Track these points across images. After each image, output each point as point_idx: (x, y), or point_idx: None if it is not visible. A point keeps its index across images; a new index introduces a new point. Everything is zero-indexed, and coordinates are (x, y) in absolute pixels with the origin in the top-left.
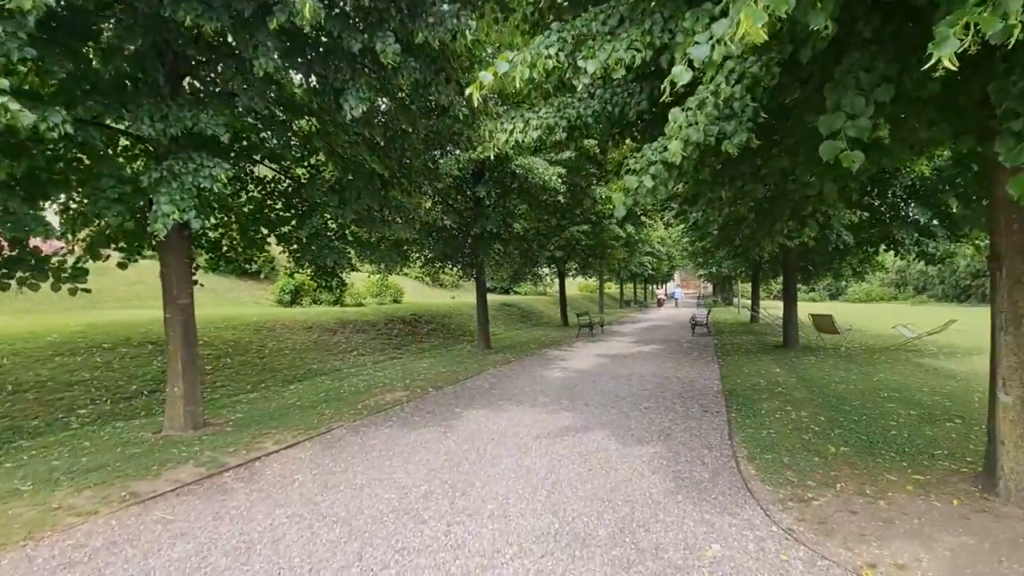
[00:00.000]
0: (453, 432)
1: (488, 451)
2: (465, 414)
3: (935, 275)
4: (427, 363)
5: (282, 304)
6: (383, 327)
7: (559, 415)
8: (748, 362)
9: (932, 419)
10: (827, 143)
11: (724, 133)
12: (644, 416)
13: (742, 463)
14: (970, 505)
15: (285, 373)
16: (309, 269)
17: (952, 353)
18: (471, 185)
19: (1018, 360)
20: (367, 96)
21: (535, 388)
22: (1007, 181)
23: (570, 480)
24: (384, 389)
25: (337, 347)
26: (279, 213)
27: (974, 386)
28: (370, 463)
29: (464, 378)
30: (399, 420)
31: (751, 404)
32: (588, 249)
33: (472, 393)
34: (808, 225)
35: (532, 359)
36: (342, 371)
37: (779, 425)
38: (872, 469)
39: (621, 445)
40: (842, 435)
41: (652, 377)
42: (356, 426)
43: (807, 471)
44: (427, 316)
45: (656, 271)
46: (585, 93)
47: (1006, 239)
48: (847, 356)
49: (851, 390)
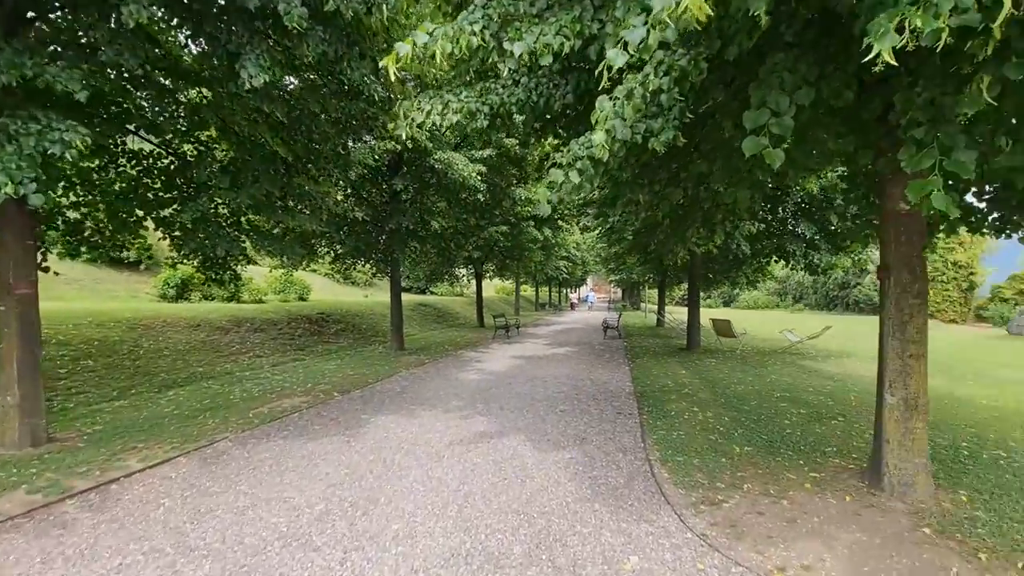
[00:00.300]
0: (358, 441)
1: (396, 461)
2: (373, 421)
3: (809, 285)
4: (333, 365)
5: (166, 299)
6: (285, 326)
7: (473, 420)
8: (656, 364)
9: (820, 418)
10: (751, 138)
11: (651, 131)
12: (560, 420)
13: (655, 466)
14: (860, 501)
15: (163, 377)
16: (195, 260)
17: (827, 356)
18: (387, 177)
19: (903, 364)
20: (268, 65)
21: (449, 391)
22: (901, 193)
23: (484, 492)
24: (282, 394)
25: (229, 348)
26: (158, 193)
27: (849, 386)
28: (257, 480)
29: (374, 381)
30: (296, 429)
31: (661, 406)
32: (506, 251)
33: (382, 397)
34: (717, 233)
35: (447, 361)
36: (234, 375)
37: (688, 426)
38: (773, 468)
39: (537, 451)
40: (744, 435)
41: (567, 379)
42: (244, 437)
43: (716, 472)
44: (336, 315)
45: (571, 275)
46: (510, 80)
47: (894, 251)
48: (742, 358)
49: (749, 391)
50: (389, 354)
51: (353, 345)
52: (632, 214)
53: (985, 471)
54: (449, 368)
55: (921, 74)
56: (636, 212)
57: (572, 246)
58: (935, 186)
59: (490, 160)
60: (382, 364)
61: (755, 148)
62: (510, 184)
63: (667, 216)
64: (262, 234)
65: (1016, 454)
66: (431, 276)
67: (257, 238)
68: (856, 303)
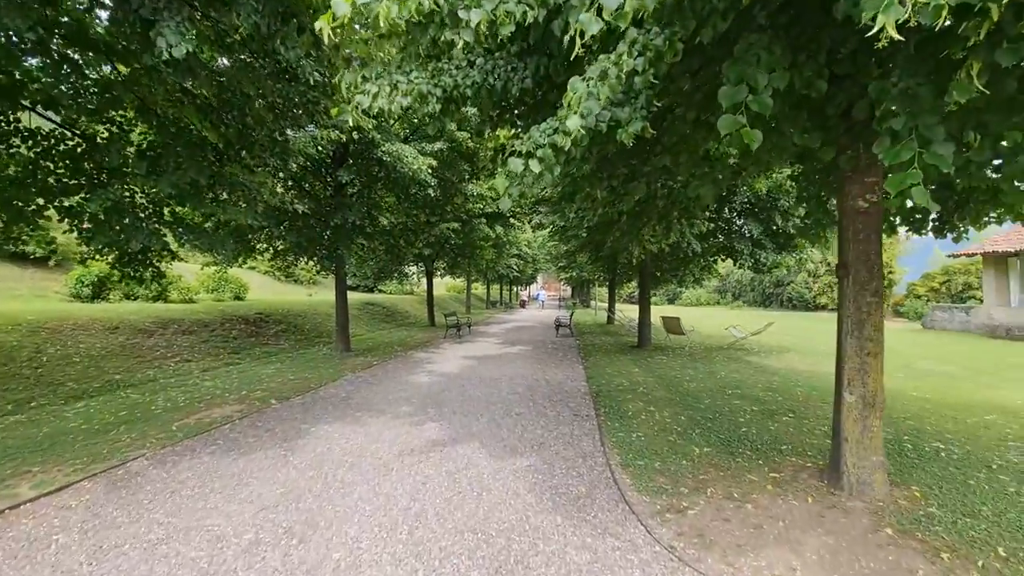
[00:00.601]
0: (296, 454)
1: (339, 477)
2: (314, 430)
3: (747, 283)
4: (272, 369)
5: (80, 299)
6: (219, 328)
7: (425, 426)
8: (609, 362)
9: (771, 414)
10: (727, 117)
11: (618, 120)
12: (516, 424)
13: (616, 472)
14: (821, 502)
15: (71, 387)
16: (110, 255)
17: (769, 351)
18: (331, 170)
19: (860, 362)
20: (190, 35)
21: (398, 395)
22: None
23: (437, 508)
24: (212, 403)
25: (153, 352)
26: (62, 179)
27: (793, 381)
28: (176, 506)
29: (316, 386)
30: (226, 443)
31: (618, 406)
32: (457, 248)
33: (325, 404)
34: (673, 230)
35: (396, 362)
36: (158, 382)
37: (646, 428)
38: (734, 469)
39: (493, 459)
40: (702, 435)
41: (521, 380)
42: (164, 455)
43: (678, 476)
44: (276, 315)
45: (521, 273)
46: (464, 61)
47: (852, 247)
48: (691, 355)
49: (702, 388)
50: (334, 356)
51: (295, 347)
52: (589, 210)
53: (930, 464)
54: (398, 370)
55: (896, 63)
56: (594, 208)
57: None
58: (914, 180)
59: (441, 155)
60: (326, 367)
61: (732, 126)
62: (462, 179)
63: (626, 213)
64: (188, 227)
65: (953, 445)
66: (379, 274)
67: (182, 231)
68: (790, 300)
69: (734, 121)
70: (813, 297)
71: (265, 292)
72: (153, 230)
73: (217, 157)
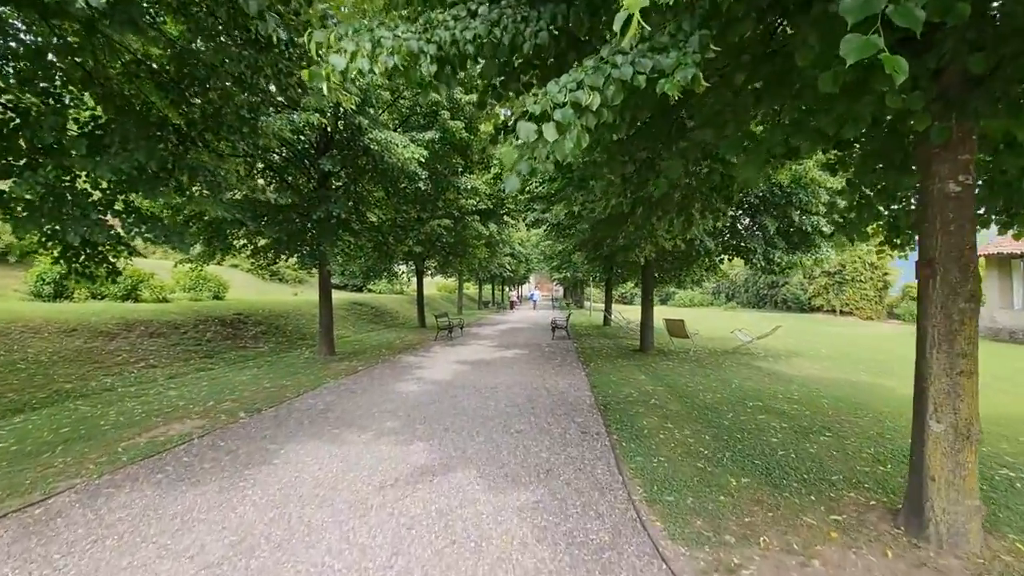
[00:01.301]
0: (258, 487)
1: (305, 519)
2: (283, 452)
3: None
4: (247, 376)
5: (41, 297)
6: (191, 330)
7: (412, 447)
8: (613, 368)
9: (805, 432)
10: (855, 37)
11: (661, 69)
12: (517, 444)
13: (643, 511)
14: (904, 556)
15: (10, 398)
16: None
17: (777, 356)
18: (314, 159)
19: (951, 383)
20: None
21: (384, 408)
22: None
23: (425, 567)
24: (171, 417)
25: (114, 357)
26: None
27: (813, 389)
28: (93, 565)
29: (293, 396)
30: (177, 470)
31: (630, 421)
32: (449, 246)
33: (300, 417)
34: (695, 224)
35: (383, 368)
36: (115, 391)
37: (667, 450)
38: (784, 508)
39: (493, 493)
40: (735, 460)
41: (519, 389)
42: (99, 486)
43: (719, 518)
44: (257, 316)
45: (514, 273)
46: (464, 11)
47: (941, 240)
48: (698, 360)
49: (719, 400)
50: (316, 361)
51: (275, 350)
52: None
53: (1013, 500)
54: (385, 377)
55: None
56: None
57: (517, 243)
58: None
59: (433, 145)
60: (306, 373)
61: (862, 51)
62: (455, 172)
63: (654, 198)
64: (139, 216)
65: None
66: (368, 273)
67: (131, 222)
68: (784, 301)
69: (867, 43)
70: (808, 298)
71: (248, 291)
72: (96, 220)
73: (180, 140)
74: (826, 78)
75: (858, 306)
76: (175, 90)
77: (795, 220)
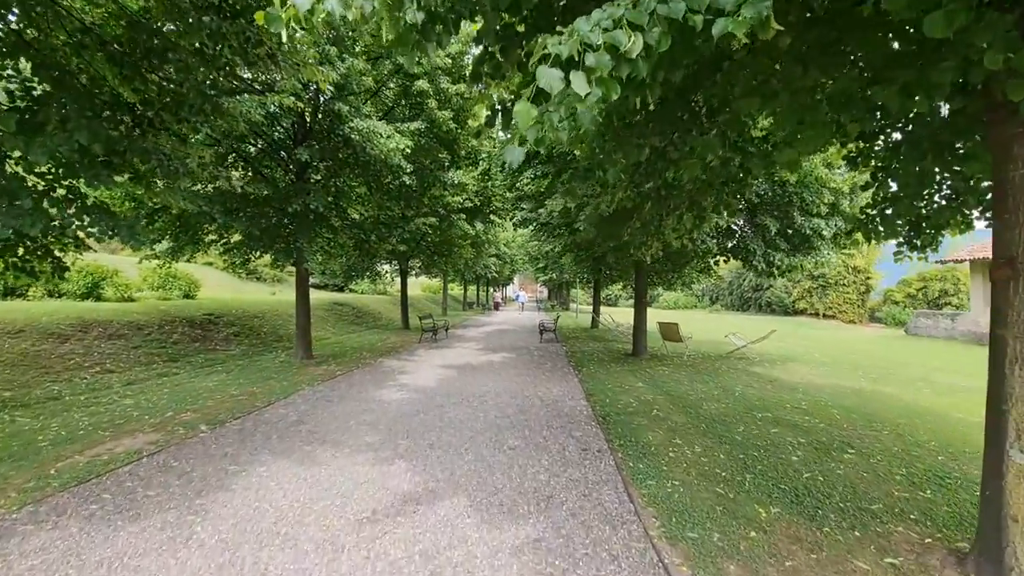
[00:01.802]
0: (209, 520)
1: (262, 566)
2: (244, 475)
3: (725, 287)
4: (214, 381)
5: None
6: (156, 331)
7: (393, 469)
8: (607, 374)
9: (826, 449)
10: None
11: (720, 7)
12: (511, 464)
13: (664, 552)
14: None
15: None
16: None
17: (773, 361)
18: (290, 149)
19: None
20: None
21: (362, 420)
22: None
23: None
24: (121, 430)
25: (65, 362)
26: None
27: (818, 398)
28: None
29: (263, 404)
30: (116, 498)
31: (634, 435)
32: (434, 246)
33: (268, 431)
34: (708, 220)
35: (363, 373)
36: (62, 400)
37: (680, 471)
38: (828, 549)
39: (487, 528)
40: (758, 483)
41: (510, 398)
42: (15, 522)
43: (754, 561)
44: (230, 316)
45: (499, 273)
46: None
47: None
48: (693, 366)
49: (724, 410)
50: (292, 364)
51: (247, 353)
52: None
53: None
54: (365, 383)
55: None
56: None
57: (503, 243)
58: None
59: (419, 137)
60: (280, 378)
61: None
62: (441, 167)
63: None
64: (83, 206)
65: None
66: (349, 272)
67: (72, 213)
68: (768, 304)
69: None
70: (792, 302)
71: (223, 290)
72: (25, 210)
73: (135, 121)
74: (937, 18)
75: (841, 310)
76: (128, 63)
77: (796, 221)
